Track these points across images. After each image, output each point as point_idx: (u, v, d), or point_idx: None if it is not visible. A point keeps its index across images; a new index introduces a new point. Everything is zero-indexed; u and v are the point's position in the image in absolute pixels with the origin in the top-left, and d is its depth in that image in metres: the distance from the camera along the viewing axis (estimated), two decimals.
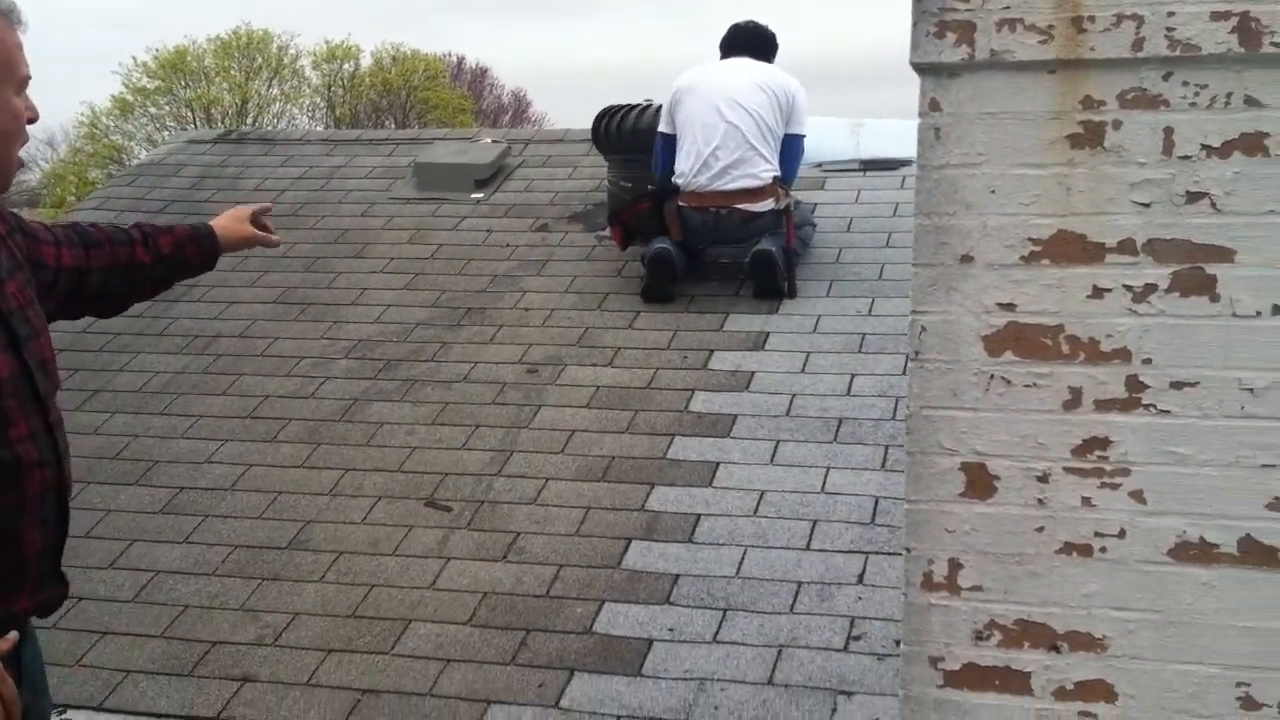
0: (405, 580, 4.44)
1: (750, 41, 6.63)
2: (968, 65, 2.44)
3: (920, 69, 2.46)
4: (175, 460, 5.28)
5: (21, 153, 2.41)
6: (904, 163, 7.30)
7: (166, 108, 37.67)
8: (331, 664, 4.08)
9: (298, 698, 3.97)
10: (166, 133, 34.69)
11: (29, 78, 2.38)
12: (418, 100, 38.82)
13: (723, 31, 6.68)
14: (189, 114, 37.26)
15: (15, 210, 2.72)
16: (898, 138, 7.60)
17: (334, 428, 5.41)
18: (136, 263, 2.99)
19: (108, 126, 37.09)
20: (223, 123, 35.74)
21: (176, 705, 4.00)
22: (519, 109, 42.16)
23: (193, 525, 4.87)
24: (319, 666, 4.08)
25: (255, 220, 3.40)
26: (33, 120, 2.40)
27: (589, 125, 7.56)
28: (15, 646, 2.22)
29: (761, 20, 6.69)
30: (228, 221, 3.35)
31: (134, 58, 38.00)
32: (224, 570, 4.60)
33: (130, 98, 36.99)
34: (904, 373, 5.34)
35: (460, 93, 40.15)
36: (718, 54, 6.66)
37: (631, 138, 6.70)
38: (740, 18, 6.73)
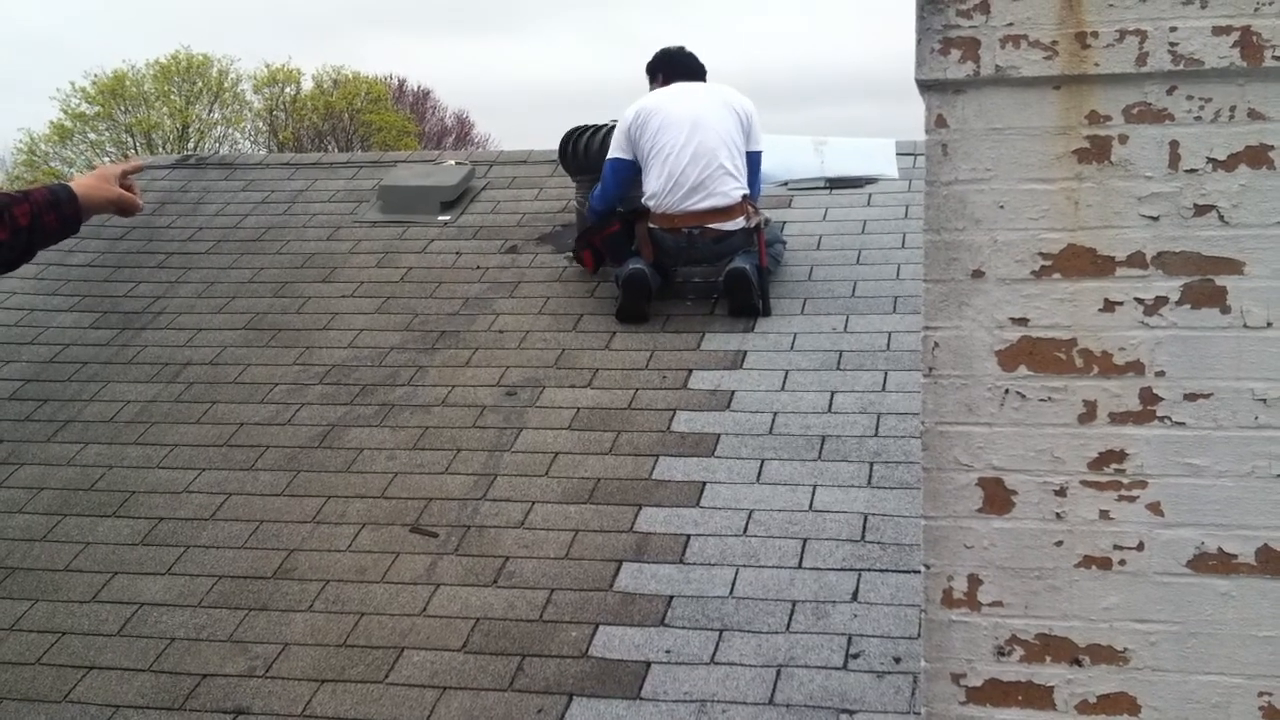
0: (395, 608, 4.39)
1: (688, 66, 6.69)
2: (973, 81, 2.45)
3: (925, 85, 2.48)
4: (153, 490, 5.20)
5: None
6: (870, 180, 7.35)
7: (106, 133, 37.30)
8: (325, 694, 4.03)
9: None
10: (107, 158, 34.31)
11: None
12: (361, 123, 38.61)
13: (647, 53, 6.78)
14: (129, 140, 36.89)
15: None
16: (861, 155, 7.65)
17: (313, 454, 5.35)
18: None
19: (46, 153, 36.67)
20: (164, 148, 35.38)
21: None
22: (462, 131, 41.97)
23: (174, 556, 4.79)
24: (313, 697, 4.02)
25: (123, 181, 3.27)
26: None
27: (542, 146, 7.55)
28: None
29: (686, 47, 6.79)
30: (93, 181, 3.17)
31: (72, 83, 37.49)
32: (209, 601, 4.53)
33: (69, 123, 36.60)
34: (883, 389, 5.40)
35: (404, 115, 39.93)
36: (647, 81, 6.73)
37: (600, 158, 6.66)
38: (669, 44, 6.82)
